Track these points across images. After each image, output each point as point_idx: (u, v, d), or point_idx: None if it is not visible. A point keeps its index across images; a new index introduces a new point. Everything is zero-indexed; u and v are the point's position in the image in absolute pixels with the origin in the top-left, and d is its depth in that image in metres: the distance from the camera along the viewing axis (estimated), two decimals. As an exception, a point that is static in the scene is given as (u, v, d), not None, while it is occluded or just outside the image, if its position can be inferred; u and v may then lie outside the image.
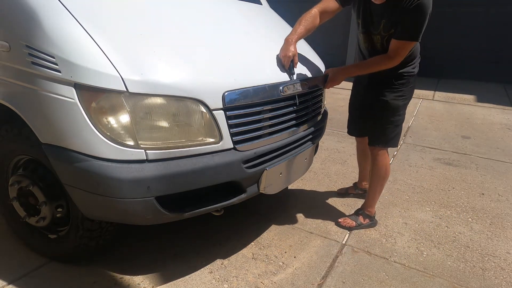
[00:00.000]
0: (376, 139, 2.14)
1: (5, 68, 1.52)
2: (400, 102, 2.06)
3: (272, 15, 2.47)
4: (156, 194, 1.44)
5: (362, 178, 2.63)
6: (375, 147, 2.15)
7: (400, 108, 2.07)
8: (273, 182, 1.79)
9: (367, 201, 2.30)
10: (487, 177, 3.06)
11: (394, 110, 2.06)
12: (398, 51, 1.86)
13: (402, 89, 2.04)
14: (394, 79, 2.03)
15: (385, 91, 2.04)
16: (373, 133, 2.16)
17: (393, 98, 2.04)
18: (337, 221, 2.29)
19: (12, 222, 1.94)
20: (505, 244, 2.16)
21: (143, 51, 1.44)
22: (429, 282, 1.84)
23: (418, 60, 2.08)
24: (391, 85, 2.03)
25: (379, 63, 1.95)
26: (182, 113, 1.45)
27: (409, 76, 2.04)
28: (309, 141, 2.03)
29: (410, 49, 1.89)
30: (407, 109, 2.12)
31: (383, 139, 2.12)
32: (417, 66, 2.08)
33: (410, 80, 2.05)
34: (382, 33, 1.91)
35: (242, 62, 1.72)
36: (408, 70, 2.02)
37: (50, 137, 1.44)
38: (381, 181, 2.23)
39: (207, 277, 1.82)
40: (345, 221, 2.28)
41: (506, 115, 4.92)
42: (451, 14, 6.80)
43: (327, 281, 1.82)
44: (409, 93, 2.10)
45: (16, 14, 1.43)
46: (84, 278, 1.76)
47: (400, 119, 2.11)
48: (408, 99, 2.10)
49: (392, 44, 1.87)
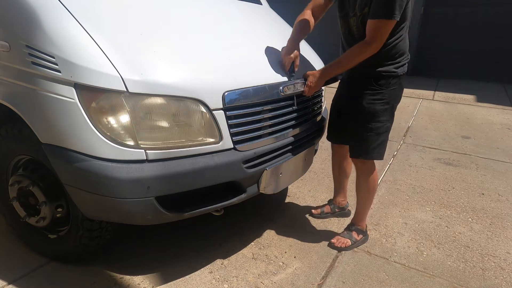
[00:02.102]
0: (357, 150, 1.93)
1: (5, 68, 1.52)
2: (378, 107, 1.82)
3: (272, 15, 2.47)
4: (156, 194, 1.44)
5: (338, 194, 2.38)
6: (357, 159, 1.96)
7: (379, 114, 1.83)
8: (273, 182, 1.79)
9: (358, 215, 2.12)
10: (487, 177, 3.06)
11: (372, 115, 1.83)
12: (375, 33, 1.66)
13: (380, 91, 1.81)
14: (373, 79, 1.81)
15: (361, 93, 1.83)
16: (353, 142, 1.96)
17: (369, 102, 1.82)
18: (330, 242, 2.08)
19: (12, 222, 1.94)
20: (505, 244, 2.16)
21: (143, 51, 1.44)
22: (429, 282, 1.84)
23: (404, 60, 1.84)
24: (368, 85, 1.82)
25: (357, 51, 1.72)
26: (182, 113, 1.45)
27: (390, 76, 1.80)
28: (309, 141, 2.03)
29: (388, 30, 1.66)
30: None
31: (364, 149, 1.89)
32: (404, 67, 1.84)
33: (390, 82, 1.81)
34: (357, 12, 1.72)
35: (242, 62, 1.72)
36: (389, 69, 1.79)
37: (50, 137, 1.44)
38: (371, 195, 2.06)
39: (207, 277, 1.82)
40: (339, 241, 2.07)
41: (506, 115, 4.92)
42: (451, 14, 6.81)
43: (327, 281, 1.82)
44: (391, 97, 1.84)
45: (16, 14, 1.43)
46: (84, 278, 1.76)
47: (382, 127, 1.85)
48: (389, 104, 1.84)
49: (368, 26, 1.68)
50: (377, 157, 1.92)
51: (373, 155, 1.91)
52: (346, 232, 2.12)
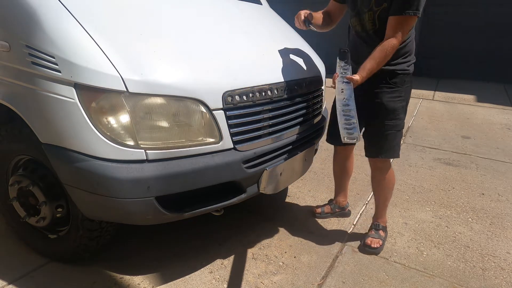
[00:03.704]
0: (378, 148, 1.93)
1: (5, 68, 1.52)
2: (397, 104, 1.87)
3: (272, 15, 2.47)
4: (156, 194, 1.44)
5: (338, 194, 2.38)
6: (378, 158, 1.96)
7: (399, 111, 1.88)
8: (273, 182, 1.79)
9: (380, 212, 2.15)
10: (487, 177, 3.06)
11: (392, 112, 1.87)
12: (399, 28, 1.68)
13: (397, 89, 1.86)
14: (388, 77, 1.85)
15: (379, 92, 1.87)
16: (373, 142, 1.95)
17: (389, 100, 1.86)
18: (365, 243, 2.05)
19: (12, 222, 1.94)
20: (505, 244, 2.16)
21: (143, 51, 1.44)
22: (429, 282, 1.84)
23: (413, 59, 1.91)
24: (385, 83, 1.86)
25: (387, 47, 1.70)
26: (182, 113, 1.45)
27: (404, 74, 1.87)
28: (309, 141, 2.03)
29: (411, 25, 1.70)
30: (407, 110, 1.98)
31: (385, 147, 1.91)
32: (413, 65, 1.91)
33: (405, 80, 1.88)
34: (374, 7, 1.74)
35: (242, 62, 1.72)
36: (403, 68, 1.85)
37: (50, 137, 1.44)
38: (391, 191, 2.09)
39: (207, 277, 1.82)
40: (373, 242, 2.05)
41: (506, 115, 4.92)
42: (451, 14, 6.81)
43: (327, 281, 1.82)
44: (406, 94, 1.92)
45: (16, 14, 1.43)
46: (84, 278, 1.76)
47: (401, 124, 1.91)
48: (405, 101, 1.92)
49: (391, 22, 1.70)
50: (396, 155, 1.95)
51: (393, 153, 1.94)
52: (374, 232, 2.12)
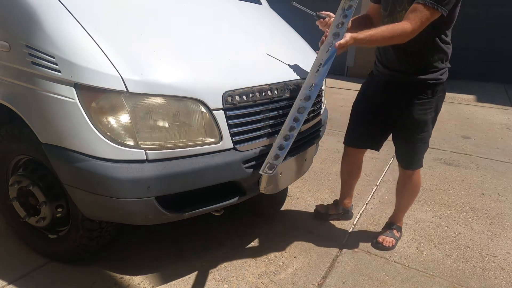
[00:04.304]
0: (409, 162, 1.95)
1: (5, 68, 1.52)
2: (428, 116, 1.81)
3: (272, 15, 2.46)
4: (156, 194, 1.44)
5: (345, 196, 2.34)
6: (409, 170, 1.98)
7: (428, 123, 1.83)
8: (273, 182, 1.79)
9: (399, 214, 2.16)
10: (487, 177, 3.06)
11: (422, 126, 1.82)
12: (415, 15, 1.56)
13: (428, 100, 1.78)
14: (420, 88, 1.77)
15: (410, 103, 1.79)
16: (402, 154, 1.97)
17: (419, 113, 1.79)
18: (377, 241, 2.08)
19: (12, 222, 1.94)
20: (505, 244, 2.16)
21: (143, 51, 1.44)
22: (429, 282, 1.84)
23: (445, 66, 1.81)
24: (416, 94, 1.78)
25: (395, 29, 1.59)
26: (182, 113, 1.45)
27: (436, 84, 1.77)
28: (309, 141, 2.03)
29: (428, 19, 1.58)
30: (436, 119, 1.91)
31: (414, 159, 1.92)
32: (446, 73, 1.82)
33: (437, 89, 1.78)
34: (407, 6, 1.66)
35: (242, 62, 1.72)
36: (435, 77, 1.76)
37: (50, 137, 1.44)
38: (415, 197, 2.12)
39: (207, 277, 1.82)
40: (386, 240, 2.07)
41: (506, 115, 4.93)
42: (451, 14, 6.80)
43: (327, 281, 1.82)
44: (438, 105, 1.84)
45: (16, 14, 1.43)
46: (84, 278, 1.76)
47: (429, 136, 1.89)
48: (436, 112, 1.84)
49: (411, 8, 1.59)
50: (420, 165, 1.97)
51: (419, 164, 1.96)
52: (388, 231, 2.13)
